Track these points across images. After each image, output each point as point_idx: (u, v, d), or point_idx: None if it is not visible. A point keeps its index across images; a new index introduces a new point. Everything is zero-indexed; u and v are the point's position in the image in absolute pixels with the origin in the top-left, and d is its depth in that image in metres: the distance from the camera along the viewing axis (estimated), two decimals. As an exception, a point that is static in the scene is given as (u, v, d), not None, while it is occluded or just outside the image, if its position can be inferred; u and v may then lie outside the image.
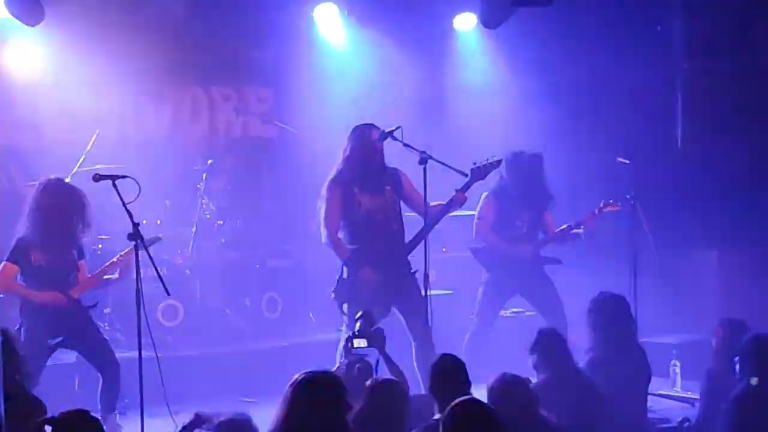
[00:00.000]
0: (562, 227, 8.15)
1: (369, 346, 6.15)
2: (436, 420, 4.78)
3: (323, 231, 7.27)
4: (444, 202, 7.25)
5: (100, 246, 8.70)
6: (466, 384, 5.13)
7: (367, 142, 7.23)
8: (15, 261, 6.85)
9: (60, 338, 6.92)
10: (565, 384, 5.86)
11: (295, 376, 4.46)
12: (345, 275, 7.24)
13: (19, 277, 6.90)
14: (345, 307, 7.19)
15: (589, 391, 5.93)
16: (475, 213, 8.20)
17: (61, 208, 6.90)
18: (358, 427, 4.84)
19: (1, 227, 7.22)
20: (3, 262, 6.86)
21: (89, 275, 7.13)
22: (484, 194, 8.09)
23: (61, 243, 6.95)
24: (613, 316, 6.47)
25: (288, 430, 4.29)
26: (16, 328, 6.83)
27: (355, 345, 6.14)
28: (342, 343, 6.69)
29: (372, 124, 7.36)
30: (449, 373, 5.14)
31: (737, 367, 5.90)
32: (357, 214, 7.24)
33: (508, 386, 5.16)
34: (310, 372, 4.42)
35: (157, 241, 7.17)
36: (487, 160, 7.33)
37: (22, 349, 6.62)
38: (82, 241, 7.14)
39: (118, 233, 7.52)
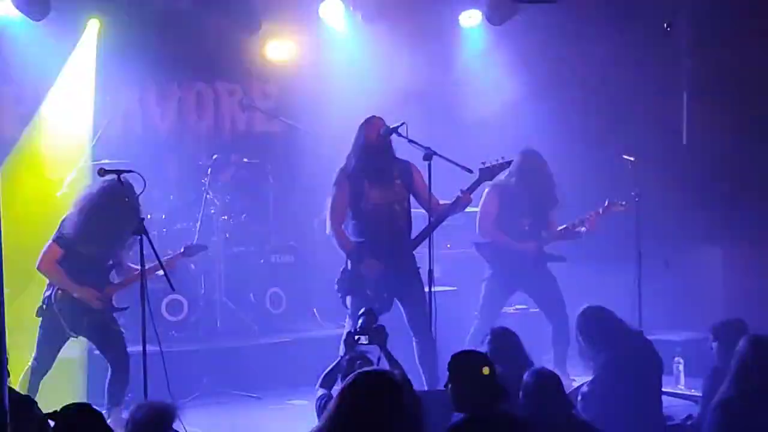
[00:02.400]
0: (565, 225, 8.14)
1: (371, 342, 6.15)
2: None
3: (328, 222, 7.26)
4: (449, 202, 7.23)
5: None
6: None
7: (379, 134, 7.21)
8: (61, 245, 6.80)
9: (78, 334, 6.95)
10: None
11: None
12: (349, 267, 7.24)
13: (62, 262, 6.84)
14: (348, 300, 7.20)
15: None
16: (478, 209, 8.19)
17: (117, 210, 6.65)
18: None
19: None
20: (50, 243, 6.83)
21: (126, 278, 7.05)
22: (487, 189, 8.05)
23: (110, 243, 6.89)
24: (598, 325, 6.41)
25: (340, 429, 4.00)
26: (41, 305, 6.86)
27: (357, 341, 6.14)
28: (344, 339, 6.69)
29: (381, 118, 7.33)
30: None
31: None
32: (364, 208, 7.22)
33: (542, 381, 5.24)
34: (365, 371, 4.15)
35: (203, 250, 7.37)
36: (497, 160, 7.28)
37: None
38: (129, 243, 6.95)
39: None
